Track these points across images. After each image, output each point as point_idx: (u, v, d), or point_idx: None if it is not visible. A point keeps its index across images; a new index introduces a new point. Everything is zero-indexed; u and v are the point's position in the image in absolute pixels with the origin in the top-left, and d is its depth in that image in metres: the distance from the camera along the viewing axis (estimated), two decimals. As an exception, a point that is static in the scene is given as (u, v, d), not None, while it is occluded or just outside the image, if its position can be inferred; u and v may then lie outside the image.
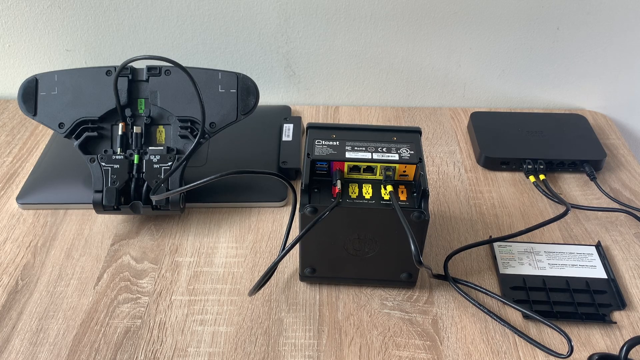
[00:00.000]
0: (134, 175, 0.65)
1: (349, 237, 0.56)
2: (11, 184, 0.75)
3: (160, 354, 0.55)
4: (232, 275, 0.63)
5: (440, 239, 0.67)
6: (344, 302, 0.60)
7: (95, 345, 0.56)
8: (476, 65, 0.88)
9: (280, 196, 0.72)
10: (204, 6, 0.82)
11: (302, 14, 0.83)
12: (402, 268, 0.59)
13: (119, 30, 0.85)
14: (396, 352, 0.55)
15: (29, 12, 0.83)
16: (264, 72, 0.89)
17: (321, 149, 0.57)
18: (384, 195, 0.55)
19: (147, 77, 0.67)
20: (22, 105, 0.66)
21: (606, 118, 0.89)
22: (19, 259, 0.64)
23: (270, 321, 0.58)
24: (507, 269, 0.63)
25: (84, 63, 0.88)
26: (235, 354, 0.55)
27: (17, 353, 0.55)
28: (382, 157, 0.56)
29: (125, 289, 0.61)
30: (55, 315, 0.58)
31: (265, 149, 0.78)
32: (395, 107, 0.92)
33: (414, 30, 0.84)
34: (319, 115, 0.89)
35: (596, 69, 0.88)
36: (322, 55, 0.87)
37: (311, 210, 0.54)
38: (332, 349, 0.56)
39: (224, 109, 0.66)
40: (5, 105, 0.91)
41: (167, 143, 0.67)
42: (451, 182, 0.76)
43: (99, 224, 0.69)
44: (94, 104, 0.66)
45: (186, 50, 0.87)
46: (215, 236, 0.68)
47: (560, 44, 0.85)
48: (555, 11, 0.82)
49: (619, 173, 0.78)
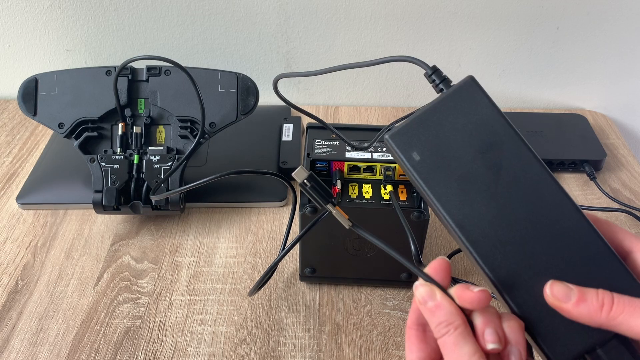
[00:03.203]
0: (134, 175, 0.65)
1: (349, 237, 0.56)
2: (11, 184, 0.75)
3: (160, 354, 0.55)
4: (232, 275, 0.63)
5: (441, 239, 0.67)
6: (344, 302, 0.60)
7: (95, 345, 0.56)
8: (476, 65, 0.88)
9: (280, 196, 0.72)
10: (204, 6, 0.82)
11: (302, 14, 0.83)
12: (402, 268, 0.59)
13: (119, 30, 0.85)
14: (396, 352, 0.55)
15: (29, 12, 0.83)
16: (264, 72, 0.89)
17: (321, 148, 0.57)
18: (384, 195, 0.55)
19: (147, 77, 0.67)
20: (22, 105, 0.66)
21: (606, 118, 0.89)
22: (19, 259, 0.64)
23: (270, 321, 0.58)
24: (507, 269, 0.62)
25: (84, 63, 0.88)
26: (235, 354, 0.55)
27: (17, 353, 0.55)
28: (382, 157, 0.56)
29: (125, 289, 0.61)
30: (55, 315, 0.58)
31: (265, 149, 0.78)
32: (395, 107, 0.92)
33: (414, 30, 0.84)
34: (319, 115, 0.89)
35: (596, 69, 0.88)
36: (322, 55, 0.87)
37: (311, 210, 0.54)
38: (332, 349, 0.56)
39: (224, 109, 0.66)
40: (5, 105, 0.91)
41: (167, 143, 0.67)
42: (451, 182, 0.76)
43: (99, 224, 0.69)
44: (94, 104, 0.66)
45: (186, 50, 0.87)
46: (215, 236, 0.68)
47: (560, 44, 0.85)
48: (555, 11, 0.82)
49: (619, 173, 0.78)
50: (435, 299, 0.35)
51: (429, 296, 0.35)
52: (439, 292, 0.35)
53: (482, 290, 0.34)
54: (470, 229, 0.35)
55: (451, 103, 0.37)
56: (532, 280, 0.35)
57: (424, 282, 0.35)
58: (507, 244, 0.35)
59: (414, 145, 0.36)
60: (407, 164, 0.35)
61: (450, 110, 0.36)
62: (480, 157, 0.35)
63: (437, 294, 0.35)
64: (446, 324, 0.34)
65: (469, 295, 0.34)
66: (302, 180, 0.40)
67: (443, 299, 0.34)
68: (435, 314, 0.34)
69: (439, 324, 0.34)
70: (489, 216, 0.35)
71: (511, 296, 0.35)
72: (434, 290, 0.35)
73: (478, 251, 0.35)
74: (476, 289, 0.34)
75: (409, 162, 0.35)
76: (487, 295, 0.34)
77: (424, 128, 0.36)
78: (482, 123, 0.36)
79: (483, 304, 0.34)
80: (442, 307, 0.34)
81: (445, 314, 0.34)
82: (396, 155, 0.36)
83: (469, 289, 0.34)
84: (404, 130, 0.36)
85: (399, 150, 0.36)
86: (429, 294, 0.35)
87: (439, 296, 0.35)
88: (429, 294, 0.35)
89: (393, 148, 0.36)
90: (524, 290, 0.35)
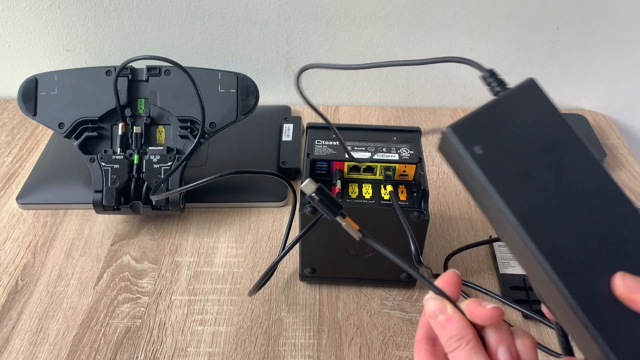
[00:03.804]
0: (134, 175, 0.65)
1: (349, 237, 0.56)
2: (11, 184, 0.75)
3: (160, 354, 0.55)
4: (232, 275, 0.63)
5: (440, 239, 0.67)
6: (344, 302, 0.60)
7: (95, 345, 0.56)
8: (476, 65, 0.88)
9: (280, 196, 0.72)
10: (204, 6, 0.82)
11: (302, 14, 0.83)
12: (402, 268, 0.58)
13: (119, 30, 0.85)
14: (396, 352, 0.55)
15: (29, 12, 0.83)
16: (264, 72, 0.89)
17: (321, 148, 0.57)
18: (384, 195, 0.55)
19: (147, 77, 0.67)
20: (22, 105, 0.66)
21: (606, 118, 0.89)
22: (19, 259, 0.64)
23: (270, 321, 0.58)
24: (507, 269, 0.63)
25: (84, 63, 0.88)
26: (235, 354, 0.55)
27: (17, 353, 0.55)
28: (382, 157, 0.56)
29: (125, 289, 0.61)
30: (55, 315, 0.58)
31: (265, 149, 0.78)
32: (395, 107, 0.92)
33: (414, 30, 0.84)
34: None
35: (596, 69, 0.88)
36: (322, 55, 0.87)
37: (311, 210, 0.54)
38: (332, 349, 0.56)
39: (224, 109, 0.66)
40: (5, 105, 0.91)
41: (167, 143, 0.67)
42: (451, 182, 0.76)
43: (99, 224, 0.69)
44: (94, 104, 0.66)
45: (186, 50, 0.87)
46: (215, 236, 0.68)
47: (560, 44, 0.85)
48: (555, 11, 0.82)
49: (619, 173, 0.78)
50: (447, 312, 0.34)
51: (440, 310, 0.35)
52: (450, 305, 0.34)
53: (495, 307, 0.33)
54: (532, 225, 0.34)
55: (512, 102, 0.36)
56: (596, 276, 0.34)
57: (434, 296, 0.35)
58: (568, 240, 0.34)
59: (475, 139, 0.35)
60: (470, 157, 0.35)
61: (512, 109, 0.36)
62: (541, 155, 0.35)
63: (449, 308, 0.34)
64: (457, 338, 0.33)
65: (481, 311, 0.34)
66: (310, 193, 0.40)
67: (454, 312, 0.34)
68: (446, 327, 0.34)
69: (450, 338, 0.34)
70: (551, 214, 0.34)
71: (571, 289, 0.33)
72: (445, 303, 0.35)
73: (540, 248, 0.34)
74: (489, 306, 0.33)
75: (472, 155, 0.35)
76: (500, 313, 0.33)
77: (485, 123, 0.35)
78: (543, 123, 0.35)
79: (495, 321, 0.33)
80: (453, 321, 0.34)
81: (456, 328, 0.34)
82: (455, 149, 0.35)
83: (481, 305, 0.34)
84: (465, 124, 0.35)
85: (460, 143, 0.34)
86: (440, 307, 0.35)
87: (450, 310, 0.34)
88: (439, 308, 0.35)
89: (454, 141, 0.34)
90: (586, 285, 0.34)
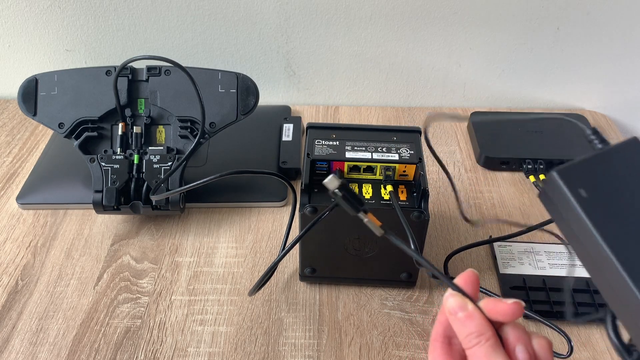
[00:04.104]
0: (134, 175, 0.65)
1: (349, 237, 0.56)
2: (11, 184, 0.75)
3: (160, 354, 0.55)
4: (232, 275, 0.63)
5: (440, 239, 0.67)
6: (344, 302, 0.60)
7: (95, 345, 0.56)
8: (476, 65, 0.88)
9: (280, 196, 0.72)
10: (204, 6, 0.82)
11: (302, 14, 0.83)
12: (402, 268, 0.59)
13: (119, 30, 0.85)
14: (396, 352, 0.55)
15: (29, 12, 0.83)
16: (264, 72, 0.89)
17: (321, 148, 0.57)
18: (384, 195, 0.55)
19: (147, 77, 0.67)
20: (22, 105, 0.66)
21: (606, 118, 0.89)
22: (19, 259, 0.64)
23: (270, 321, 0.58)
24: (507, 269, 0.63)
25: (84, 63, 0.88)
26: (235, 354, 0.55)
27: (17, 353, 0.55)
28: (382, 157, 0.56)
29: (125, 289, 0.61)
30: (55, 315, 0.58)
31: (265, 149, 0.78)
32: (395, 107, 0.92)
33: (414, 30, 0.84)
34: (319, 115, 0.89)
35: (596, 69, 0.88)
36: (322, 55, 0.87)
37: (311, 210, 0.54)
38: (332, 349, 0.56)
39: (224, 109, 0.66)
40: (5, 105, 0.91)
41: (167, 143, 0.67)
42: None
43: (99, 224, 0.69)
44: (94, 104, 0.66)
45: (186, 50, 0.87)
46: (215, 236, 0.68)
47: (560, 44, 0.85)
48: (555, 11, 0.82)
49: (619, 173, 0.78)
50: (467, 309, 0.35)
51: (460, 307, 0.35)
52: (470, 303, 0.35)
53: (515, 302, 0.34)
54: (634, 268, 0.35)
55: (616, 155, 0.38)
56: None
57: (454, 293, 0.36)
58: None
59: (580, 183, 0.36)
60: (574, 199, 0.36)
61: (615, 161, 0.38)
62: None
63: (469, 305, 0.35)
64: (477, 334, 0.34)
65: (502, 307, 0.34)
66: (334, 189, 0.40)
67: (474, 310, 0.35)
68: (466, 324, 0.35)
69: (469, 335, 0.34)
70: None
71: None
72: (465, 301, 0.35)
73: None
74: (510, 301, 0.34)
75: (576, 198, 0.36)
76: (521, 307, 0.34)
77: (589, 171, 0.37)
78: None
79: (516, 316, 0.34)
80: (473, 318, 0.34)
81: (476, 325, 0.34)
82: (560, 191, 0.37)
83: (502, 301, 0.34)
84: (571, 169, 0.37)
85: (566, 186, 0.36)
86: (460, 304, 0.35)
87: (470, 307, 0.35)
88: (459, 305, 0.35)
89: (560, 183, 0.36)
90: None
